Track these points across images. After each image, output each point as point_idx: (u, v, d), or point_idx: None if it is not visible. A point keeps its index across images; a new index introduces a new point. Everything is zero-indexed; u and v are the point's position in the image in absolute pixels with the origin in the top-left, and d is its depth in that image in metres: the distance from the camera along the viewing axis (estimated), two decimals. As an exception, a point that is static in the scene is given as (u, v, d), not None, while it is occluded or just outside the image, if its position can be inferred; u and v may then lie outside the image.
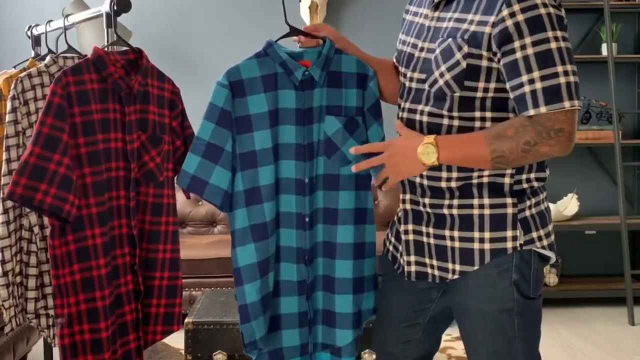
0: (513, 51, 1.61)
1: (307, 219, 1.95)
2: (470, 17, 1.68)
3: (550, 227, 1.81)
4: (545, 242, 1.77)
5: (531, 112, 1.61)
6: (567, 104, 1.60)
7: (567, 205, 4.77)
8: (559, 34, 1.61)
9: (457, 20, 1.71)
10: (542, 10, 1.60)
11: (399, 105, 1.87)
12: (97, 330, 2.02)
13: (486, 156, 1.63)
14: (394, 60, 2.00)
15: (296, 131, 1.92)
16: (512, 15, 1.61)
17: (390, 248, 1.94)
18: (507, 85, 1.65)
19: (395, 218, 1.93)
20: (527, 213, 1.75)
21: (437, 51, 1.73)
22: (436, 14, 1.78)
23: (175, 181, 2.03)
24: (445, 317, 1.93)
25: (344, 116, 1.95)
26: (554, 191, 4.98)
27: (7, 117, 2.32)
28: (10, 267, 2.34)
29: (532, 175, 1.75)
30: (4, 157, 2.35)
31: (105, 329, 2.02)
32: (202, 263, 4.31)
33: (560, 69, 1.60)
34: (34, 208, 1.95)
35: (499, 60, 1.65)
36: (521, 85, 1.62)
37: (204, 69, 5.06)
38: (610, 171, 5.06)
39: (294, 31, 1.99)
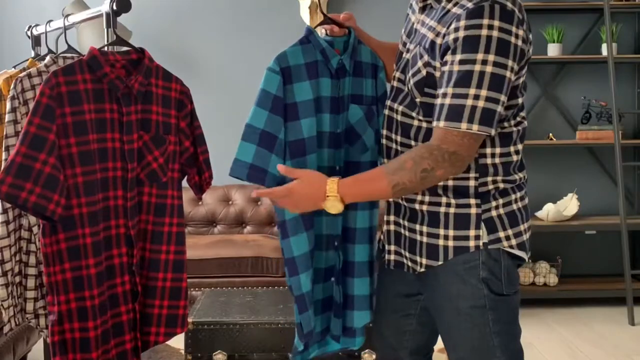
0: (445, 64, 1.66)
1: None
2: (436, 26, 1.73)
3: (522, 227, 1.82)
4: (513, 242, 1.79)
5: (434, 123, 1.68)
6: (463, 126, 1.63)
7: (567, 205, 4.77)
8: (490, 58, 1.61)
9: (429, 27, 1.76)
10: (484, 32, 1.61)
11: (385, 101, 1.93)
12: (86, 329, 2.02)
13: (387, 190, 1.70)
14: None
15: (330, 119, 1.93)
16: (456, 30, 1.64)
17: (381, 237, 1.99)
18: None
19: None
20: (494, 213, 1.78)
21: (410, 55, 1.80)
22: (421, 17, 1.83)
23: (228, 173, 1.89)
24: None
25: (365, 105, 1.98)
26: (554, 191, 4.98)
27: (7, 117, 2.32)
28: (9, 267, 2.34)
29: (499, 178, 1.78)
30: (3, 157, 2.35)
31: (93, 329, 2.02)
32: (202, 263, 4.31)
33: (472, 91, 1.62)
34: (19, 206, 1.96)
35: None
36: (438, 97, 1.68)
37: (205, 68, 5.06)
38: (610, 171, 5.06)
39: (327, 20, 1.99)
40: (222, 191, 4.97)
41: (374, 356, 2.76)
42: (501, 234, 1.78)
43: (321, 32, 2.01)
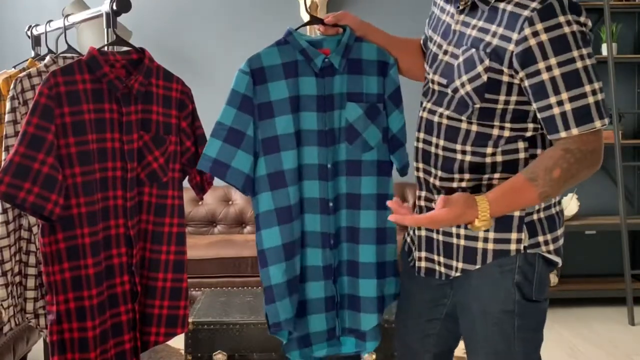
0: (538, 72, 1.60)
1: (330, 204, 1.99)
2: (493, 28, 1.67)
3: (559, 232, 1.80)
4: (551, 247, 1.77)
5: (563, 134, 1.61)
6: (597, 124, 1.60)
7: (567, 205, 4.76)
8: (584, 52, 1.61)
9: (481, 29, 1.70)
10: (567, 29, 1.59)
11: (421, 103, 1.87)
12: (84, 329, 2.02)
13: (535, 200, 1.65)
14: (422, 43, 2.03)
15: (317, 117, 1.95)
16: (535, 34, 1.59)
17: (408, 240, 1.97)
18: (535, 106, 1.64)
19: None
20: (535, 217, 1.75)
21: (461, 59, 1.72)
22: (461, 17, 1.76)
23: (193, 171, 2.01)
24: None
25: (365, 102, 1.98)
26: (554, 191, 4.98)
27: (6, 117, 2.32)
28: (9, 267, 2.34)
29: None
30: (3, 157, 2.35)
31: (92, 328, 2.02)
32: (202, 263, 4.31)
33: (588, 88, 1.59)
34: (17, 206, 1.96)
35: (521, 80, 1.64)
36: (550, 107, 1.61)
37: (205, 68, 5.06)
38: (610, 171, 5.06)
39: (313, 20, 2.02)
40: (222, 191, 4.97)
41: (374, 356, 2.76)
42: (540, 239, 1.75)
43: (315, 32, 2.03)
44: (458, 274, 1.79)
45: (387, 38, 2.03)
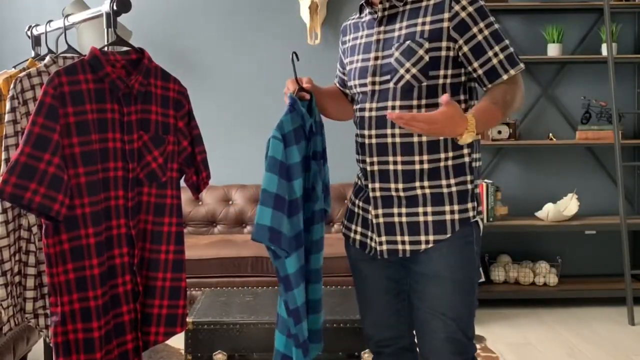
0: (474, 36, 1.97)
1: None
2: (420, 20, 2.00)
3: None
4: (481, 215, 2.09)
5: (505, 76, 1.99)
6: (521, 65, 2.02)
7: (567, 205, 4.76)
8: (494, 18, 2.02)
9: (408, 26, 2.01)
10: (481, 2, 2.01)
11: (361, 109, 2.08)
12: (90, 330, 2.02)
13: (500, 118, 1.98)
14: (337, 85, 2.33)
15: (304, 177, 2.09)
16: (464, 8, 1.97)
17: (357, 237, 2.16)
18: (476, 64, 1.99)
19: (357, 210, 2.15)
20: (477, 190, 2.08)
21: (397, 54, 2.01)
22: (382, 28, 2.06)
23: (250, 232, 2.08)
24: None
25: (319, 160, 2.16)
26: (554, 191, 4.98)
27: (6, 117, 2.32)
28: (8, 267, 2.34)
29: (479, 155, 2.08)
30: (3, 157, 2.35)
31: (97, 329, 2.02)
32: (202, 263, 4.31)
33: (507, 42, 2.01)
34: (23, 207, 1.95)
35: (459, 48, 1.98)
36: (490, 59, 1.98)
37: (205, 68, 5.06)
38: (610, 171, 5.06)
39: (302, 89, 2.15)
40: (222, 191, 4.97)
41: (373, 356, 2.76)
42: (479, 208, 2.07)
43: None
44: (430, 245, 2.01)
45: (322, 91, 2.24)
